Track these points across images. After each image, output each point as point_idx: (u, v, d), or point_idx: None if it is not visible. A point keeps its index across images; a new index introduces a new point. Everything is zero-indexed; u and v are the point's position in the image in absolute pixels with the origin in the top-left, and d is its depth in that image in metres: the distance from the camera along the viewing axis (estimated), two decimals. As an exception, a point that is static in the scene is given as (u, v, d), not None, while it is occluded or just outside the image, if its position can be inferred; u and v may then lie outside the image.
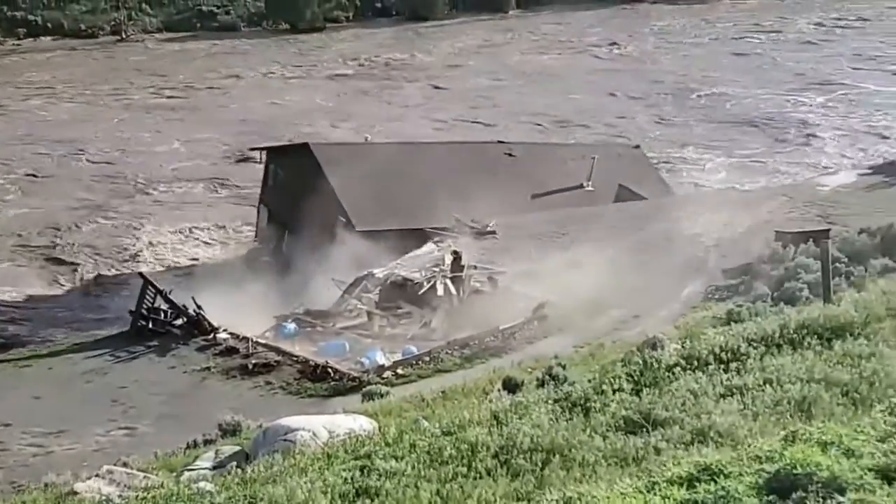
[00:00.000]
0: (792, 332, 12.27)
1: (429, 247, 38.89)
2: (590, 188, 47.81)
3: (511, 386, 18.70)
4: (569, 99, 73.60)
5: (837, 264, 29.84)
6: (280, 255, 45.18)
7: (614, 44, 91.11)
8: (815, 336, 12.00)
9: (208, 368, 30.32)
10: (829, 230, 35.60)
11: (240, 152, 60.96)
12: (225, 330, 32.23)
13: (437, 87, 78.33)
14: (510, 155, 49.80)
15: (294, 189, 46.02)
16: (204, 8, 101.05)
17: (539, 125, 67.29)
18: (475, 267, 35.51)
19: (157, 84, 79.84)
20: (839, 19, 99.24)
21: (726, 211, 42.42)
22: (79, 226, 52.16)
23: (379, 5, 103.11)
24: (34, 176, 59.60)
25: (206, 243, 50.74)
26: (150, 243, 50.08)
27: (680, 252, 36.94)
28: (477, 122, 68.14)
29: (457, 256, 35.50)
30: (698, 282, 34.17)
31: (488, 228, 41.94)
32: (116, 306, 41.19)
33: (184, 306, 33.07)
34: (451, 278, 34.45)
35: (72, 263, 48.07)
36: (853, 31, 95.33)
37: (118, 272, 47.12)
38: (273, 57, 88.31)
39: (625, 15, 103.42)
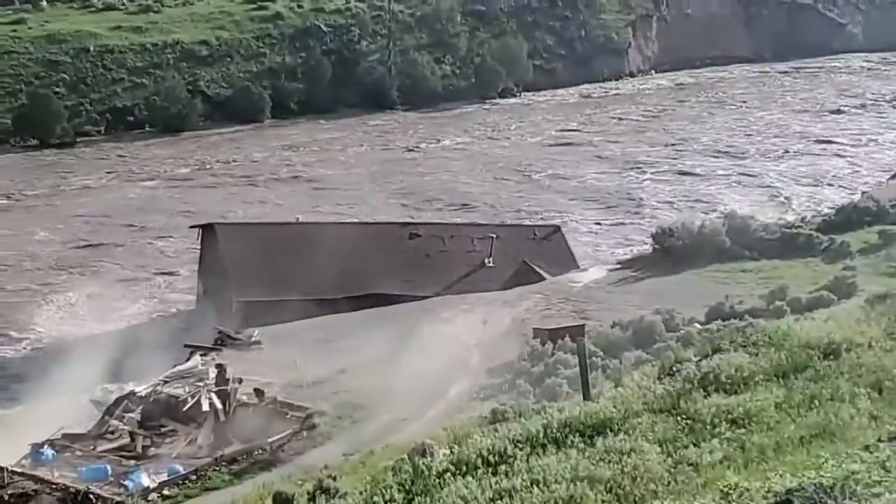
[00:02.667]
0: (555, 430, 12.58)
1: (193, 361, 38.08)
2: (490, 265, 51.13)
3: (282, 501, 18.38)
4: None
5: (594, 358, 30.99)
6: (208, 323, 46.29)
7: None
8: (578, 434, 12.34)
9: (-43, 504, 28.45)
10: (583, 325, 36.97)
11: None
12: (-26, 461, 30.38)
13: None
14: (415, 235, 53.14)
15: (211, 264, 50.74)
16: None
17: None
18: (241, 380, 34.89)
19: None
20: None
21: (485, 310, 43.42)
22: None
23: (131, 118, 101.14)
24: None
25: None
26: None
27: (443, 352, 37.44)
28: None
29: (221, 369, 34.87)
30: (463, 382, 34.70)
31: (252, 339, 41.54)
32: None
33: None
34: (217, 392, 33.73)
35: None
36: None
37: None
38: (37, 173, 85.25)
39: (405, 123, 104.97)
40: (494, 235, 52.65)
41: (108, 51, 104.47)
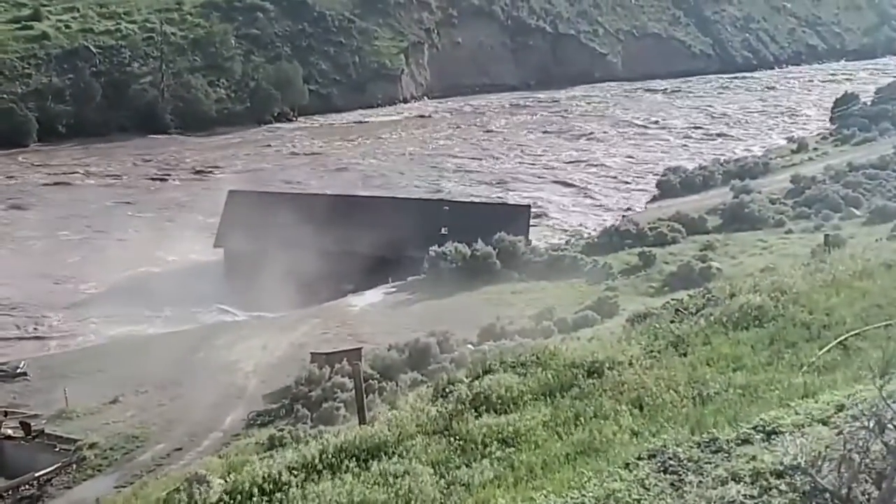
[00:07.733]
0: (331, 456, 12.66)
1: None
2: (444, 233, 57.43)
3: (51, 538, 17.82)
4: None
5: (371, 381, 31.30)
6: None
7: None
8: (353, 458, 12.46)
9: None
10: (360, 349, 37.18)
11: None
12: None
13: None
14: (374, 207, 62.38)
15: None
16: None
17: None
18: (6, 412, 33.55)
19: None
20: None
21: (262, 336, 43.11)
22: None
23: None
24: None
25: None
26: None
27: (220, 380, 37.05)
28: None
29: (-16, 403, 33.46)
30: (240, 409, 34.38)
31: (18, 370, 39.92)
32: None
33: None
34: (-22, 427, 32.35)
35: None
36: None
37: None
38: None
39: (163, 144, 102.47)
40: (447, 207, 62.08)
41: None
